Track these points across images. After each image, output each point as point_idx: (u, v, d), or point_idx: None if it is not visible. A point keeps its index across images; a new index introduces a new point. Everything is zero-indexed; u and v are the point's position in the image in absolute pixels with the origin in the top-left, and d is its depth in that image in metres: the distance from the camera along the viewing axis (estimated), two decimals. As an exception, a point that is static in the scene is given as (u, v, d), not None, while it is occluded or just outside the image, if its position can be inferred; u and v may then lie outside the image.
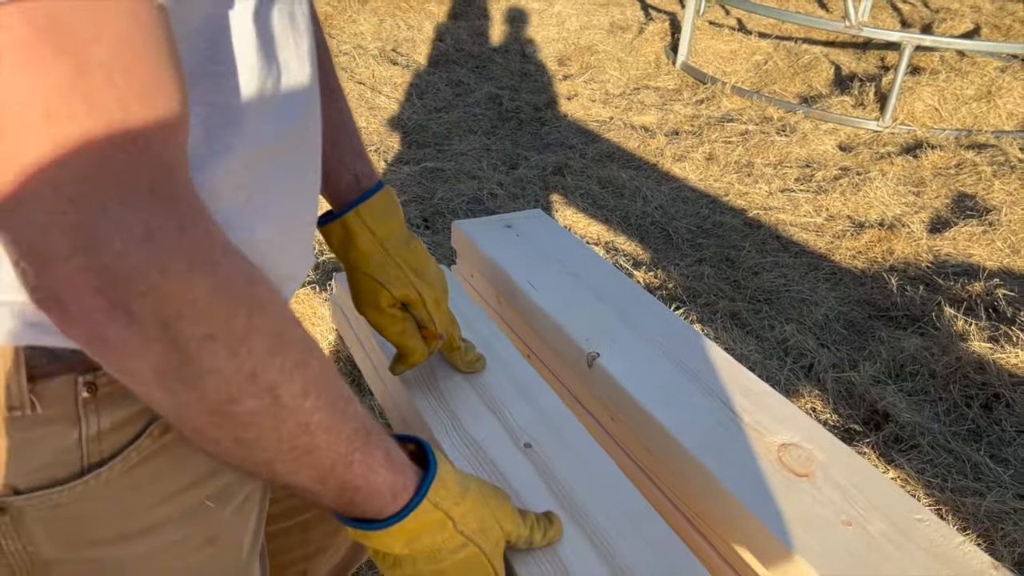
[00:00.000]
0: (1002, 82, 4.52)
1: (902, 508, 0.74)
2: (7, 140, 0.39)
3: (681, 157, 3.64)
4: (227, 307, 0.45)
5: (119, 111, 0.40)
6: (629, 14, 6.02)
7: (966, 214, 3.27)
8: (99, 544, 0.60)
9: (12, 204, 0.40)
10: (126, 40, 0.40)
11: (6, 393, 0.54)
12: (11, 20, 0.37)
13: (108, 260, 0.41)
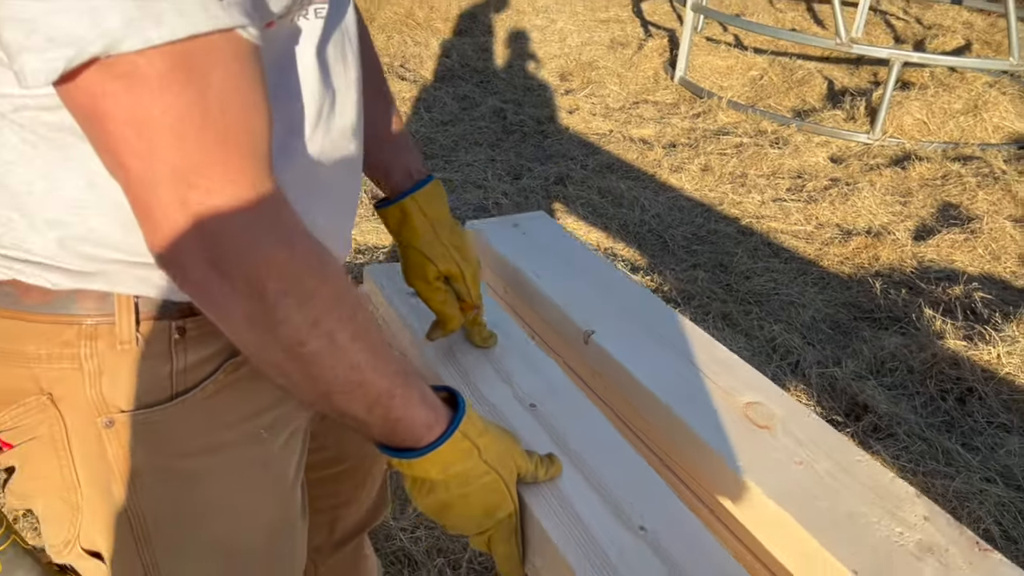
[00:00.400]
0: (988, 97, 4.68)
1: (845, 452, 0.89)
2: (148, 141, 0.54)
3: (678, 168, 3.80)
4: (300, 272, 0.60)
5: (228, 124, 0.56)
6: (629, 31, 6.20)
7: (950, 223, 3.42)
8: (179, 456, 0.76)
9: (148, 187, 0.55)
10: (233, 71, 0.56)
11: (119, 330, 0.70)
12: (156, 57, 0.52)
13: (217, 239, 0.57)
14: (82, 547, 0.79)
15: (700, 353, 1.05)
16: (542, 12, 6.56)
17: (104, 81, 0.52)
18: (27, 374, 0.71)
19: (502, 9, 6.43)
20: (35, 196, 0.65)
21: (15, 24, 0.50)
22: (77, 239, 0.66)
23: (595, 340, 1.07)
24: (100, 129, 0.54)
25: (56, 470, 0.75)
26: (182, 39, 0.52)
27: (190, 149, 0.54)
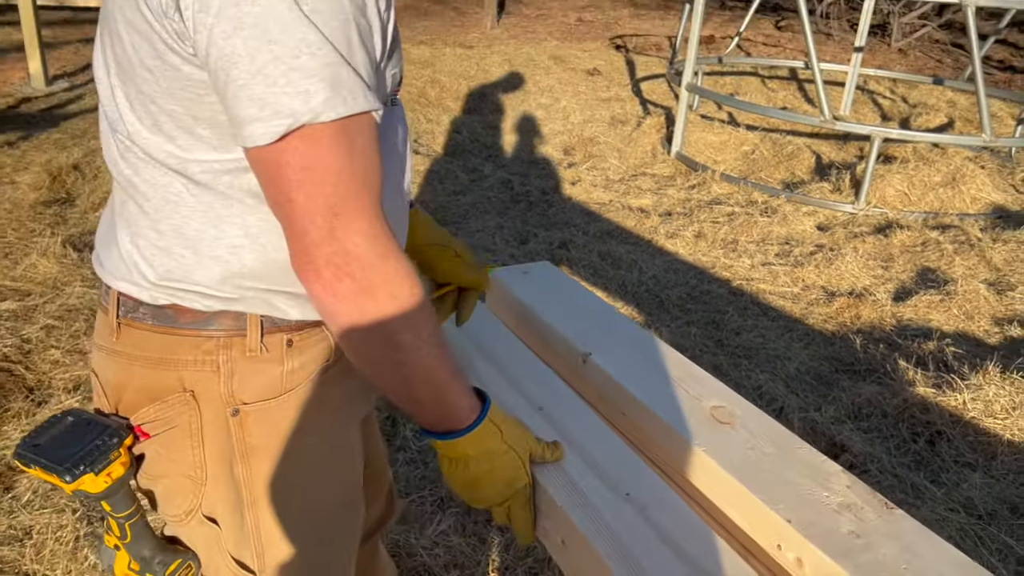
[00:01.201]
0: (966, 170, 4.99)
1: (789, 441, 1.11)
2: (313, 182, 0.78)
3: (673, 235, 4.07)
4: (400, 280, 0.85)
5: (363, 174, 0.81)
6: (628, 109, 6.58)
7: (928, 285, 3.67)
8: (285, 437, 0.99)
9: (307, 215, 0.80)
10: (369, 138, 0.82)
11: (249, 341, 0.94)
12: (332, 125, 0.77)
13: (347, 259, 0.81)
14: (203, 514, 1.01)
15: (677, 370, 1.28)
16: (547, 92, 6.96)
17: (294, 141, 0.77)
18: (175, 376, 0.94)
19: (509, 89, 6.84)
20: (205, 240, 0.90)
21: (250, 102, 0.76)
22: (232, 273, 0.91)
23: (591, 360, 1.30)
24: (278, 173, 0.79)
25: (188, 451, 0.97)
26: (349, 115, 0.78)
27: (340, 189, 0.79)
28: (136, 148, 0.89)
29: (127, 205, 0.94)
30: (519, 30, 10.39)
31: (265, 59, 0.74)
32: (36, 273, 3.14)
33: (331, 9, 0.75)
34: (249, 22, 0.74)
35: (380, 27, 0.82)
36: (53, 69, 6.51)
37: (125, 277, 0.94)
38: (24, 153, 4.62)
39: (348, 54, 0.77)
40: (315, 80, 0.75)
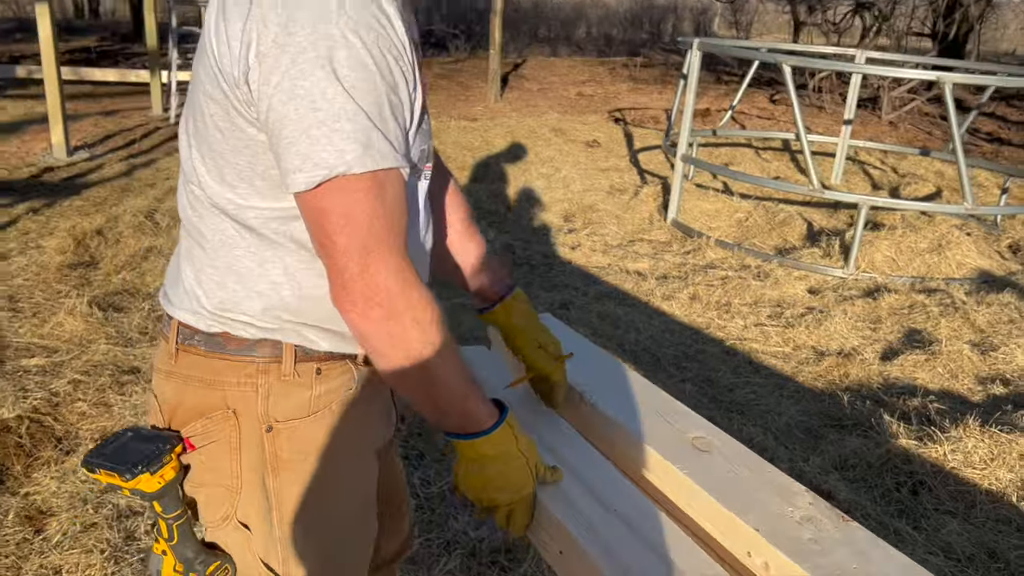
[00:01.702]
0: (952, 237, 5.19)
1: (761, 465, 1.26)
2: (351, 226, 0.96)
3: (669, 297, 4.25)
4: (422, 308, 1.01)
5: (392, 220, 0.98)
6: (627, 178, 6.83)
7: (914, 346, 3.82)
8: (310, 453, 1.14)
9: (346, 254, 0.97)
10: (398, 190, 0.99)
11: (284, 367, 1.10)
12: (365, 177, 0.95)
13: (377, 291, 0.98)
14: (237, 520, 1.15)
15: (664, 406, 1.44)
16: (548, 162, 7.23)
17: (332, 189, 0.95)
18: (220, 395, 1.11)
19: (512, 160, 7.11)
20: (252, 276, 1.08)
21: (296, 156, 0.94)
22: (271, 306, 1.09)
23: (588, 398, 1.45)
24: (323, 218, 0.97)
25: (227, 463, 1.13)
26: (379, 169, 0.96)
27: (373, 232, 0.97)
28: (204, 197, 1.08)
29: (192, 247, 1.12)
30: (521, 104, 10.77)
31: (310, 123, 0.93)
32: (63, 331, 3.30)
33: (366, 87, 0.94)
34: (300, 93, 0.93)
35: (409, 104, 1.01)
36: (74, 140, 6.78)
37: (187, 307, 1.12)
38: (48, 219, 4.84)
39: (380, 122, 0.96)
40: (350, 141, 0.93)
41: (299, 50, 0.92)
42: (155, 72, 8.70)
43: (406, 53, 0.99)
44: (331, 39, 0.92)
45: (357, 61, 0.93)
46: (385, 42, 0.95)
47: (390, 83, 0.97)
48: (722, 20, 22.18)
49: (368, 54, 0.94)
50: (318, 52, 0.92)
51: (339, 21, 0.92)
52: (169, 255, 3.93)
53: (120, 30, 18.13)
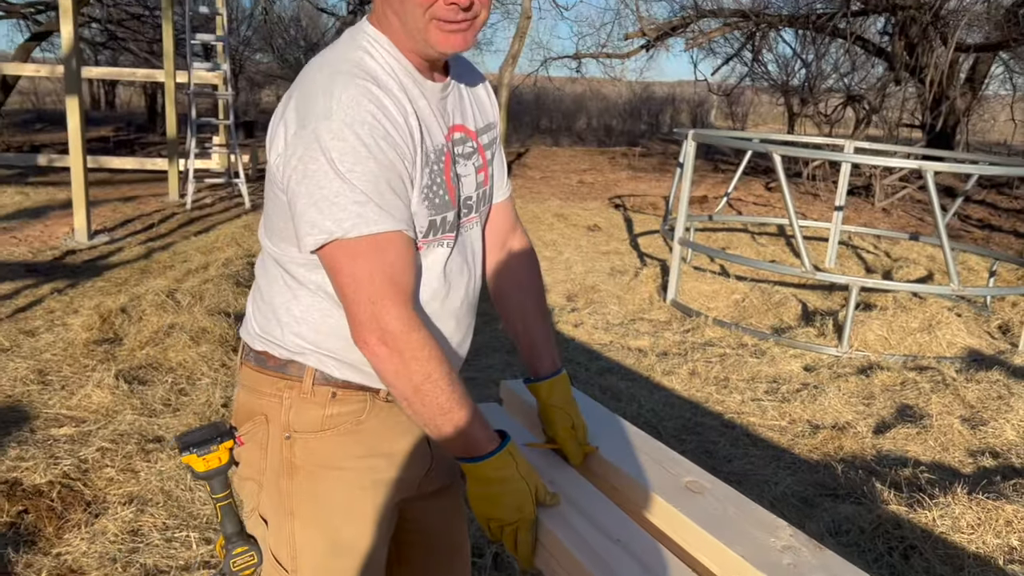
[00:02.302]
0: (942, 317, 5.37)
1: (748, 505, 1.41)
2: (357, 282, 1.16)
3: (669, 372, 4.41)
4: (421, 348, 1.20)
5: (394, 276, 1.18)
6: (627, 261, 7.06)
7: (906, 420, 3.96)
8: (318, 465, 1.33)
9: (356, 304, 1.17)
10: (399, 249, 1.20)
11: (304, 386, 1.31)
12: (364, 240, 1.16)
13: (383, 333, 1.17)
14: (259, 514, 1.37)
15: (660, 454, 1.60)
16: (551, 245, 7.48)
17: (337, 250, 1.18)
18: (259, 404, 1.34)
19: (516, 242, 7.34)
20: (283, 309, 1.32)
21: (305, 223, 1.18)
22: (294, 334, 1.32)
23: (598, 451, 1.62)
24: (334, 273, 1.20)
25: (257, 461, 1.36)
26: (377, 232, 1.17)
27: (375, 287, 1.17)
28: (263, 249, 1.36)
29: (255, 286, 1.41)
30: (525, 191, 11.13)
31: (317, 198, 1.18)
32: (90, 403, 3.46)
33: (361, 170, 1.17)
34: (309, 175, 1.18)
35: (408, 177, 1.24)
36: (94, 225, 7.05)
37: (247, 331, 1.39)
38: (72, 299, 5.04)
39: (376, 196, 1.18)
40: (347, 212, 1.17)
41: (308, 142, 1.18)
42: (173, 160, 9.06)
43: (406, 143, 1.22)
44: (331, 133, 1.17)
45: (351, 151, 1.17)
46: (379, 132, 1.19)
47: (385, 164, 1.19)
48: (718, 111, 22.92)
49: (361, 144, 1.17)
50: (321, 145, 1.17)
51: (337, 119, 1.17)
52: (190, 332, 4.13)
53: (136, 120, 18.77)
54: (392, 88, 1.23)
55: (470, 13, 1.23)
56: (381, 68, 1.25)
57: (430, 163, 1.28)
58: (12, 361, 3.91)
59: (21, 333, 4.35)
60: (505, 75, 11.85)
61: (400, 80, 1.26)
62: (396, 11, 1.24)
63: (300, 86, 1.24)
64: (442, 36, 1.23)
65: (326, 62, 1.25)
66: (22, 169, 10.39)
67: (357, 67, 1.22)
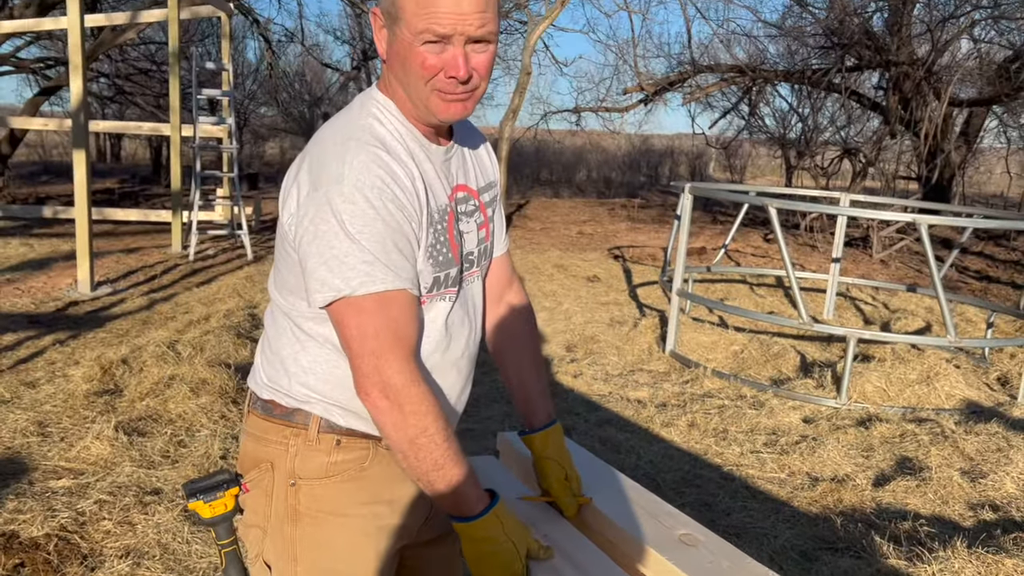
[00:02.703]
0: (940, 369, 5.38)
1: (741, 558, 1.42)
2: (362, 336, 1.20)
3: (668, 424, 4.41)
4: (419, 401, 1.23)
5: (397, 332, 1.22)
6: (626, 311, 7.10)
7: (905, 473, 3.95)
8: (322, 512, 1.35)
9: (361, 357, 1.21)
10: (403, 306, 1.24)
11: (310, 434, 1.35)
12: (369, 298, 1.21)
13: (385, 387, 1.21)
14: (263, 559, 1.39)
15: (655, 507, 1.61)
16: (550, 296, 7.53)
17: (344, 307, 1.22)
18: (264, 451, 1.38)
19: (516, 293, 7.38)
20: (290, 360, 1.36)
21: (315, 280, 1.22)
22: (301, 384, 1.35)
23: (592, 503, 1.63)
24: (341, 328, 1.24)
25: (262, 508, 1.38)
26: (382, 291, 1.21)
27: (379, 342, 1.21)
28: (272, 301, 1.41)
29: (264, 336, 1.45)
30: (525, 242, 11.21)
31: (327, 257, 1.23)
32: (89, 454, 3.47)
33: (369, 231, 1.23)
34: (320, 236, 1.23)
35: (414, 238, 1.29)
36: (97, 276, 7.10)
37: (255, 379, 1.43)
38: (73, 350, 5.07)
39: (383, 255, 1.23)
40: (355, 271, 1.22)
41: (320, 204, 1.23)
42: (177, 212, 9.16)
43: (412, 205, 1.28)
44: (342, 196, 1.22)
45: (360, 213, 1.23)
46: (387, 195, 1.25)
47: (393, 226, 1.25)
48: (717, 163, 23.18)
49: (371, 206, 1.23)
50: (332, 207, 1.23)
51: (348, 183, 1.23)
52: (190, 383, 4.15)
53: (141, 172, 19.00)
54: (400, 154, 1.29)
55: (469, 85, 1.29)
56: (390, 134, 1.31)
57: (434, 223, 1.33)
58: (12, 412, 3.92)
59: (22, 384, 4.37)
60: (506, 128, 12.03)
61: (407, 145, 1.32)
62: (400, 81, 1.31)
63: (313, 150, 1.30)
64: (443, 105, 1.30)
65: (339, 128, 1.31)
66: (27, 221, 10.50)
67: (368, 134, 1.29)
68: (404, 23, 1.25)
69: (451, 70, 1.26)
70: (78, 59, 6.55)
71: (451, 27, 1.23)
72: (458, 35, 1.24)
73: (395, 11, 1.26)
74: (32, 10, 11.52)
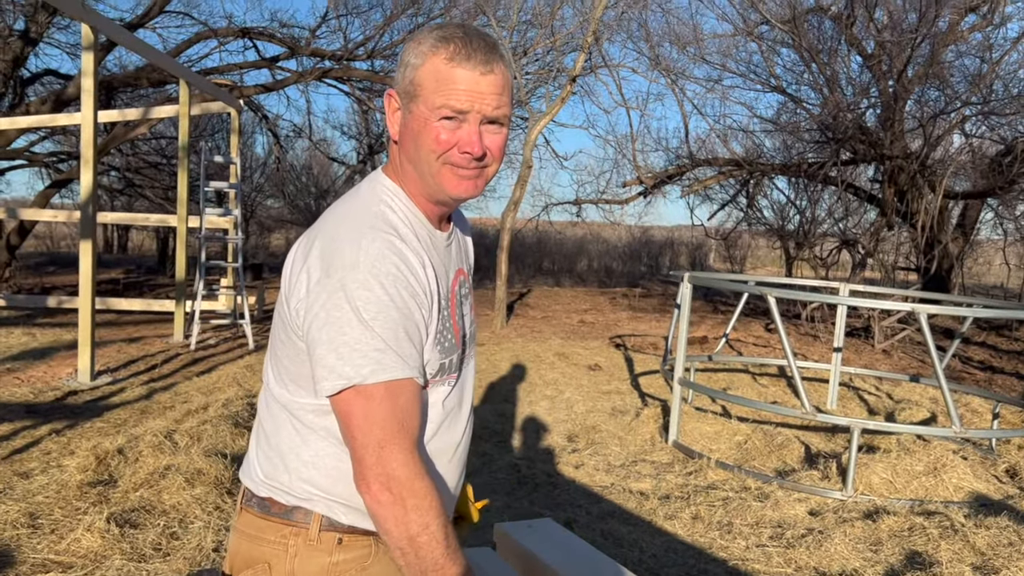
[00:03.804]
0: (947, 460, 5.30)
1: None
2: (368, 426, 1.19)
3: (671, 516, 4.32)
4: (423, 496, 1.21)
5: (403, 421, 1.21)
6: (628, 401, 7.05)
7: (915, 568, 3.84)
8: None
9: (364, 447, 1.19)
10: (410, 396, 1.23)
11: (311, 533, 1.31)
12: (379, 387, 1.19)
13: (388, 479, 1.19)
14: None
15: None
16: (552, 385, 7.49)
17: (352, 395, 1.20)
18: (260, 551, 1.33)
19: (517, 382, 7.38)
20: (291, 455, 1.33)
21: (324, 368, 1.20)
22: (303, 480, 1.32)
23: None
24: (347, 417, 1.21)
25: None
26: (391, 380, 1.20)
27: (386, 431, 1.19)
28: (270, 392, 1.37)
29: (259, 430, 1.41)
30: (526, 330, 11.23)
31: (338, 344, 1.21)
32: (79, 547, 3.39)
33: (382, 318, 1.22)
34: (332, 322, 1.22)
35: (423, 327, 1.29)
36: (98, 365, 7.09)
37: (250, 476, 1.39)
38: (70, 440, 5.02)
39: (394, 343, 1.23)
40: (366, 359, 1.20)
41: (332, 290, 1.23)
42: (180, 301, 9.21)
43: (424, 293, 1.29)
44: (356, 283, 1.22)
45: (375, 300, 1.22)
46: (401, 283, 1.25)
47: (405, 313, 1.25)
48: (716, 254, 23.39)
49: (385, 293, 1.23)
50: (346, 293, 1.22)
51: (363, 270, 1.23)
52: (186, 473, 4.10)
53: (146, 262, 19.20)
54: (412, 241, 1.30)
55: (482, 163, 1.32)
56: (401, 221, 1.32)
57: (441, 309, 1.34)
58: (3, 503, 3.86)
59: (15, 475, 4.31)
60: (508, 219, 12.20)
61: (416, 232, 1.34)
62: (411, 158, 1.33)
63: (324, 235, 1.29)
64: (455, 181, 1.31)
65: (350, 214, 1.31)
66: (31, 311, 10.56)
67: (381, 220, 1.30)
68: (422, 100, 1.28)
69: (465, 146, 1.28)
70: (90, 154, 6.71)
71: (469, 104, 1.26)
72: (474, 112, 1.27)
73: (413, 89, 1.29)
74: (48, 106, 11.87)
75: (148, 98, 14.64)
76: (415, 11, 14.17)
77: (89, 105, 6.68)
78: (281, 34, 14.37)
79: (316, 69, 14.01)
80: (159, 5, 13.25)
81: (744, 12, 13.01)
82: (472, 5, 12.78)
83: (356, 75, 14.34)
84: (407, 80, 1.30)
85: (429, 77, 1.27)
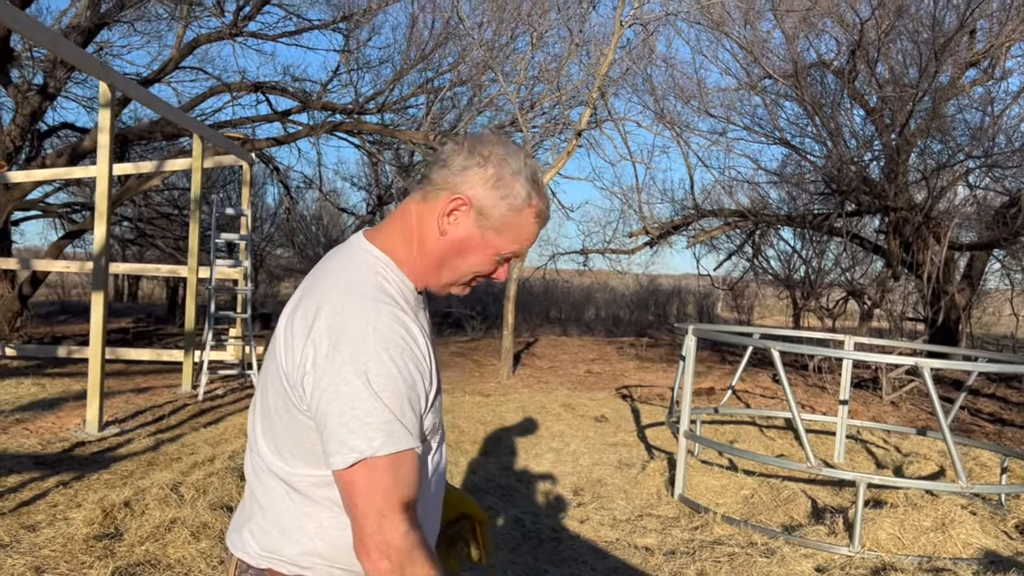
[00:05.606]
0: (955, 516, 5.25)
1: None
2: (371, 495, 1.23)
3: (677, 573, 4.30)
4: (421, 564, 1.24)
5: (404, 490, 1.25)
6: (634, 453, 7.03)
7: (923, 626, 3.81)
8: None
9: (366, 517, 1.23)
10: (411, 466, 1.28)
11: None
12: (385, 458, 1.24)
13: (388, 548, 1.23)
14: None
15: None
16: (558, 436, 7.48)
17: (359, 466, 1.24)
18: None
19: (523, 434, 7.37)
20: (292, 527, 1.36)
21: (335, 441, 1.24)
22: (307, 551, 1.35)
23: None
24: (350, 487, 1.25)
25: None
26: (398, 451, 1.24)
27: (388, 501, 1.23)
28: (262, 464, 1.39)
29: (252, 501, 1.42)
30: (532, 380, 11.23)
31: (349, 418, 1.25)
32: (84, 601, 3.40)
33: (391, 390, 1.27)
34: (341, 396, 1.26)
35: (425, 395, 1.34)
36: (106, 416, 7.13)
37: (243, 549, 1.41)
38: (76, 492, 5.04)
39: (400, 415, 1.27)
40: (378, 432, 1.24)
41: (342, 363, 1.26)
42: (189, 352, 9.28)
43: (424, 359, 1.34)
44: (367, 356, 1.26)
45: (384, 372, 1.27)
46: (408, 354, 1.31)
47: (410, 384, 1.30)
48: (724, 303, 23.39)
49: (394, 366, 1.28)
50: (356, 366, 1.26)
51: (373, 343, 1.27)
52: (191, 527, 4.12)
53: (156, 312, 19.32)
54: (408, 310, 1.36)
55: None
56: (396, 292, 1.38)
57: (432, 371, 1.39)
58: (10, 557, 3.87)
59: (22, 528, 4.33)
60: (514, 270, 12.30)
61: (408, 300, 1.40)
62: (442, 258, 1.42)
63: (327, 305, 1.31)
64: (460, 288, 1.45)
65: (349, 286, 1.34)
66: (41, 360, 10.63)
67: (382, 292, 1.35)
68: (501, 236, 1.39)
69: (496, 277, 1.43)
70: (104, 206, 6.84)
71: (524, 251, 1.42)
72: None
73: (495, 223, 1.38)
74: (64, 159, 12.09)
75: (162, 151, 14.91)
76: (424, 66, 14.47)
77: (105, 159, 6.83)
78: (293, 88, 14.67)
79: (327, 122, 14.26)
80: (175, 61, 13.58)
81: (747, 67, 13.24)
82: (480, 61, 13.05)
83: (366, 128, 14.59)
84: (498, 213, 1.38)
85: (518, 226, 1.39)
